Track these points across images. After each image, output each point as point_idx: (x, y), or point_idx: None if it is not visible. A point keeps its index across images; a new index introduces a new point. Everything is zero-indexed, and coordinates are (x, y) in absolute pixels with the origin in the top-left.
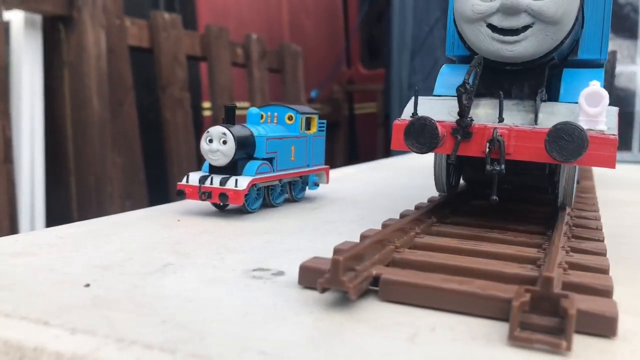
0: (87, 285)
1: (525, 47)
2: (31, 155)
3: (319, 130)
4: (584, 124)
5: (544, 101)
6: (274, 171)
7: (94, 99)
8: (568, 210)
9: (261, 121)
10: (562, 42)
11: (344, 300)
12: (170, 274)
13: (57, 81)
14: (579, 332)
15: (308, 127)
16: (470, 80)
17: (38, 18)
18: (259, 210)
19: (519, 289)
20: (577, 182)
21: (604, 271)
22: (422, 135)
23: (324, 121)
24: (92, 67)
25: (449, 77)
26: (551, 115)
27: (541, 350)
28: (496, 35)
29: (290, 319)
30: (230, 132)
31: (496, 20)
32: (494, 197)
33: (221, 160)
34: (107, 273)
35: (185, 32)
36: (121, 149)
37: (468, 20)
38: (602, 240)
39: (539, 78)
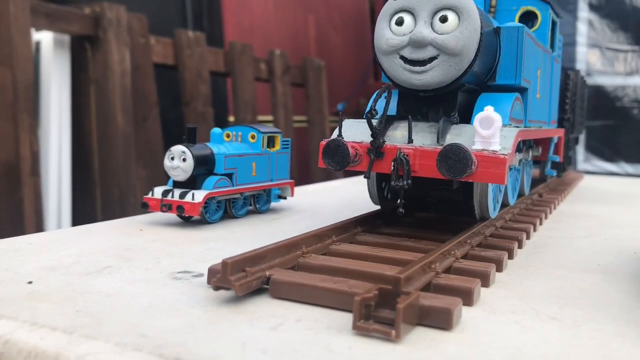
0: (30, 283)
1: (432, 76)
2: (58, 168)
3: (283, 148)
4: (479, 145)
5: (455, 123)
6: (233, 185)
7: (118, 114)
8: (500, 222)
9: (227, 140)
10: (465, 72)
11: (244, 297)
12: (105, 275)
13: (84, 98)
14: (424, 325)
15: (272, 145)
16: (380, 106)
17: (66, 38)
18: (220, 221)
19: (371, 287)
20: (540, 196)
21: (482, 276)
22: (336, 155)
23: (289, 139)
24: (116, 84)
25: (381, 102)
26: (457, 136)
27: (377, 338)
28: (407, 66)
29: (184, 311)
30: (190, 150)
31: (407, 53)
32: (400, 210)
33: (181, 176)
34: (53, 273)
35: (209, 49)
36: (145, 162)
37: (384, 53)
38: (508, 250)
39: (452, 102)
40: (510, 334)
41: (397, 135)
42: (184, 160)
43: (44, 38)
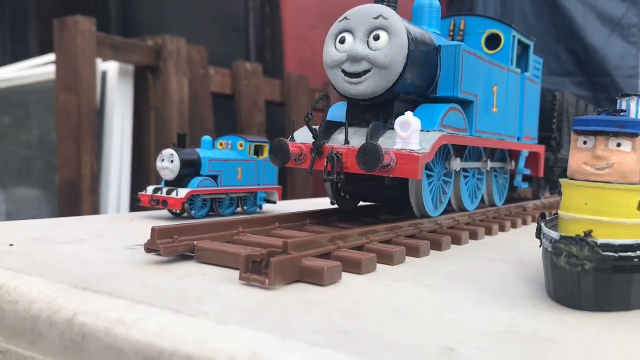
0: (11, 245)
1: (366, 86)
2: (118, 188)
3: None
4: (399, 145)
5: (390, 129)
6: (217, 186)
7: (175, 139)
8: (451, 223)
9: (220, 148)
10: (396, 82)
11: (172, 260)
12: (75, 244)
13: (144, 123)
14: (305, 281)
15: (260, 153)
16: (333, 115)
17: (130, 67)
18: (206, 217)
19: (261, 250)
20: (524, 210)
21: (384, 254)
22: (279, 152)
23: None
24: (174, 111)
25: (334, 111)
26: (388, 139)
27: (257, 286)
28: (346, 78)
29: (116, 266)
30: (177, 153)
31: (346, 66)
32: (332, 201)
33: (169, 175)
34: (34, 241)
35: (266, 79)
36: None
37: (329, 67)
38: (434, 241)
39: (390, 110)
40: (373, 290)
41: (339, 139)
42: (172, 161)
43: (110, 67)
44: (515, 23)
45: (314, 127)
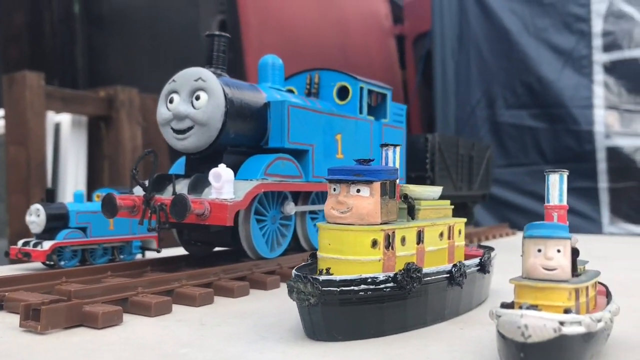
0: None
1: (190, 141)
2: None
3: None
4: (214, 194)
5: None
6: (87, 237)
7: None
8: (296, 262)
9: (97, 200)
10: (217, 137)
11: None
12: None
13: (98, 172)
14: (87, 325)
15: None
16: (178, 168)
17: (84, 119)
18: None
19: (44, 299)
20: None
21: (189, 297)
22: (108, 205)
23: None
24: (127, 159)
25: (179, 163)
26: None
27: (30, 331)
28: (174, 135)
29: None
30: (43, 208)
31: (174, 124)
32: (157, 249)
33: (36, 229)
34: None
35: None
36: None
37: (160, 125)
38: (255, 281)
39: (219, 162)
40: (145, 332)
41: (171, 190)
42: (38, 215)
43: (64, 119)
44: (472, 60)
45: (142, 181)
